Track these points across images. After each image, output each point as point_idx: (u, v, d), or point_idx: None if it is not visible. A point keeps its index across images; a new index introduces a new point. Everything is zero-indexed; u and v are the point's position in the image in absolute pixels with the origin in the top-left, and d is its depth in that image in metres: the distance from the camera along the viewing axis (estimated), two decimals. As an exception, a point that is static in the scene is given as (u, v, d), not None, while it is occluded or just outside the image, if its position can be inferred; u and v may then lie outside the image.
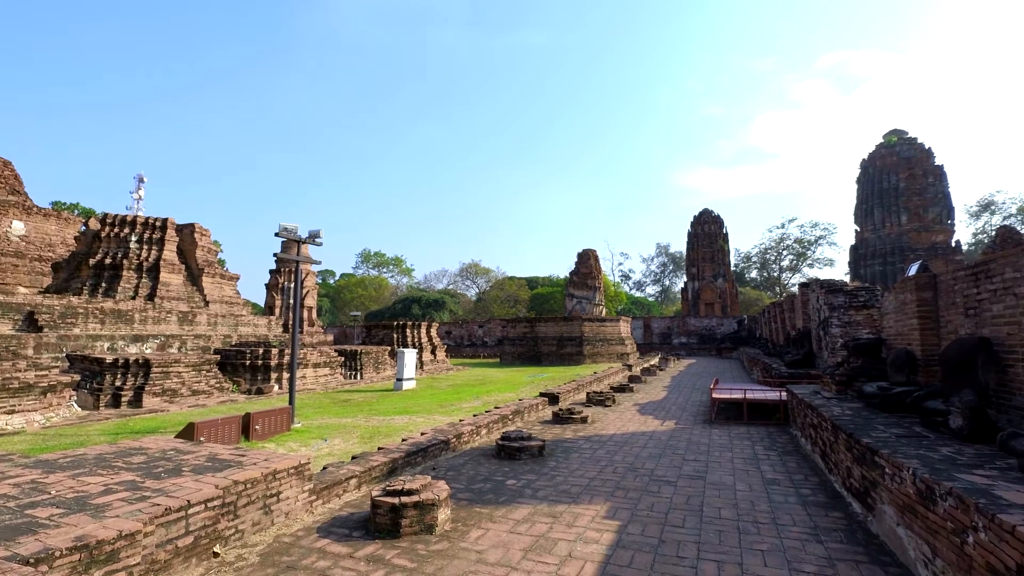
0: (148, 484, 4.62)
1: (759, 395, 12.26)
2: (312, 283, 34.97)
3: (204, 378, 17.03)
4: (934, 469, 3.94)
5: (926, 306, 7.18)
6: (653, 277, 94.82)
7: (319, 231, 12.17)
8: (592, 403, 14.03)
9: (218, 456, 5.68)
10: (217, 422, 9.03)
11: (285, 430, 10.69)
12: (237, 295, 27.78)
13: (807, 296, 19.23)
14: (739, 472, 7.28)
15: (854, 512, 5.50)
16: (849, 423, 6.15)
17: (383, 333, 30.56)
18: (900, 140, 49.15)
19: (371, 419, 12.37)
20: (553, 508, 5.74)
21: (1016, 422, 5.13)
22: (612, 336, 36.71)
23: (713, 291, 57.55)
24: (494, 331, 51.13)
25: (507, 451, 8.04)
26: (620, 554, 4.51)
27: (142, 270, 23.11)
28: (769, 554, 4.51)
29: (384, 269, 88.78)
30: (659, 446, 8.99)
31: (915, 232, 46.58)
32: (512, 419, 11.09)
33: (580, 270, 53.43)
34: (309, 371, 20.39)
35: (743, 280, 78.91)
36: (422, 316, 59.43)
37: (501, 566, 4.28)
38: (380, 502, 4.97)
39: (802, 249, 75.18)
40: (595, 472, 7.27)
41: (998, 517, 2.84)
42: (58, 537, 3.39)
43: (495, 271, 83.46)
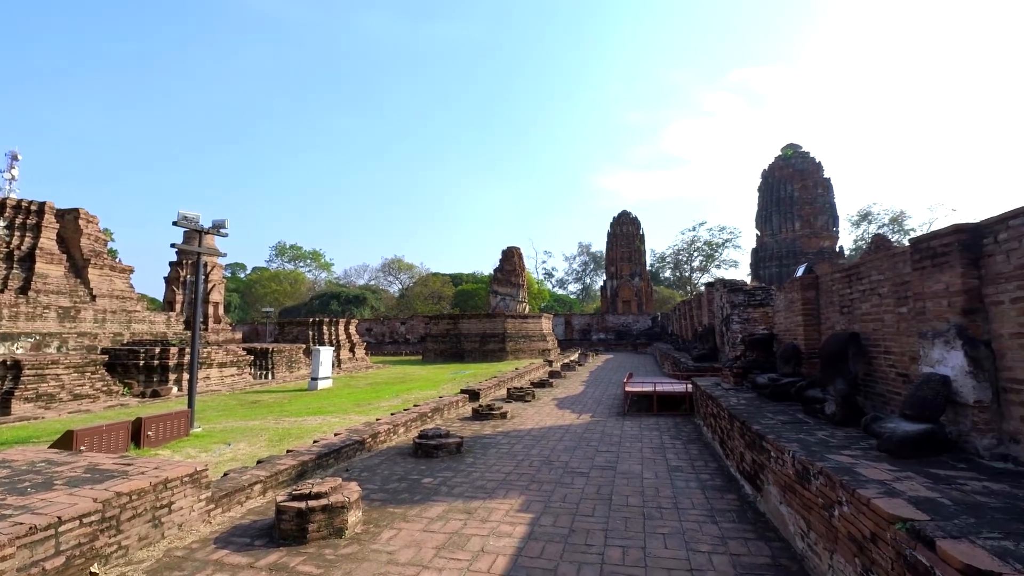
0: (10, 501, 4.10)
1: (668, 388, 12.98)
2: (218, 277, 32.62)
3: (89, 381, 15.39)
4: (810, 451, 4.36)
5: (809, 304, 7.93)
6: (575, 275, 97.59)
7: (224, 221, 11.36)
8: (512, 399, 14.21)
9: (100, 466, 5.16)
10: (101, 429, 8.19)
11: (183, 435, 9.91)
12: (130, 289, 25.35)
13: (712, 295, 20.61)
14: (647, 461, 7.67)
15: (746, 494, 5.97)
16: (743, 412, 6.66)
17: (298, 330, 29.17)
18: (795, 153, 53.92)
19: (281, 421, 11.76)
20: (468, 504, 5.75)
21: (879, 407, 5.80)
22: (534, 333, 37.37)
23: (630, 289, 60.17)
24: (417, 328, 50.36)
25: (424, 449, 7.95)
26: (531, 546, 4.61)
27: (13, 259, 20.46)
28: (669, 537, 4.79)
29: (301, 263, 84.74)
30: (574, 439, 9.27)
31: (806, 237, 51.30)
32: (431, 417, 10.98)
33: (504, 267, 53.90)
34: (214, 371, 19.04)
35: (658, 279, 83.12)
36: (341, 313, 57.37)
37: (412, 565, 4.23)
38: (285, 507, 4.74)
39: (710, 251, 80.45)
40: (512, 467, 7.37)
41: (858, 492, 3.20)
42: None
43: (419, 267, 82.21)
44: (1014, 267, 3.74)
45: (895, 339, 5.49)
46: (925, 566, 2.45)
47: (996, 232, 3.93)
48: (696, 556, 4.36)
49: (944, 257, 4.35)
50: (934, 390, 4.24)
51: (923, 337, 4.59)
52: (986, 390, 3.96)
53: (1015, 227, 3.73)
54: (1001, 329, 3.90)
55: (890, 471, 3.63)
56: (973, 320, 4.10)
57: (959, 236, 4.21)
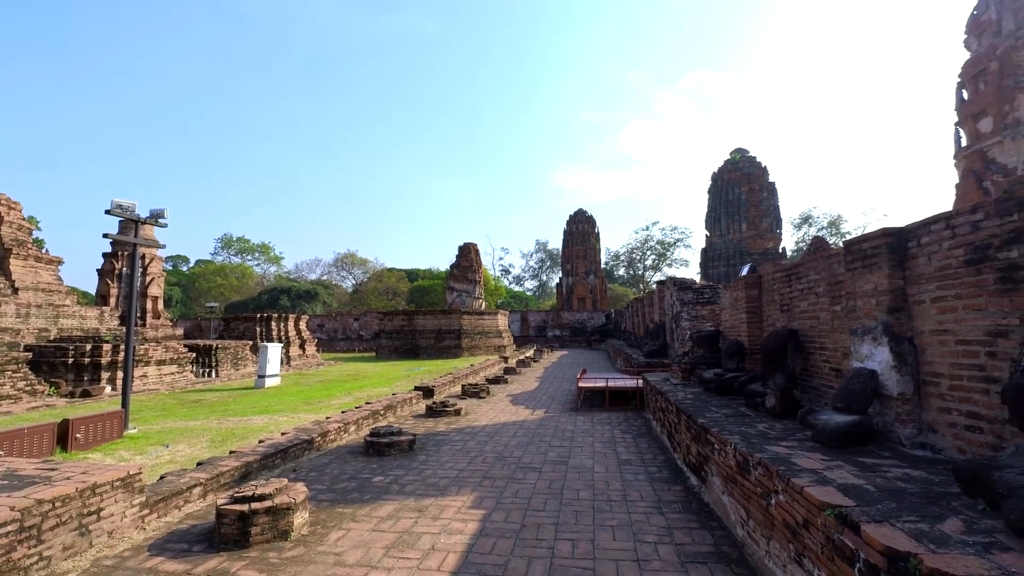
0: (-88, 512, 3.75)
1: (620, 383, 13.26)
2: (158, 270, 30.88)
3: (10, 380, 14.29)
4: (750, 443, 4.55)
5: (753, 302, 8.27)
6: (532, 272, 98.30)
7: (163, 210, 10.77)
8: (467, 395, 14.17)
9: (19, 472, 4.80)
10: (22, 432, 7.62)
11: (116, 437, 9.35)
12: (59, 282, 23.66)
13: (663, 293, 21.19)
14: (598, 455, 7.81)
15: (692, 485, 6.18)
16: (690, 406, 6.88)
17: (245, 326, 28.06)
18: (742, 157, 56.13)
19: (225, 421, 11.29)
20: (420, 502, 5.69)
21: (814, 400, 6.11)
22: (490, 329, 37.38)
23: (585, 287, 61.11)
24: (371, 324, 49.42)
25: (376, 447, 7.82)
26: (483, 542, 4.61)
27: (-79, 249, 18.73)
28: (618, 528, 4.89)
29: (249, 256, 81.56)
30: (528, 435, 9.33)
31: (752, 239, 53.53)
32: (384, 414, 10.81)
33: (461, 263, 53.56)
34: (152, 369, 18.07)
35: (612, 277, 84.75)
36: (292, 308, 55.62)
37: (360, 566, 4.15)
38: (226, 511, 4.55)
39: (663, 250, 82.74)
40: (464, 463, 7.35)
41: (792, 481, 3.36)
42: None
43: (373, 262, 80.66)
44: (935, 268, 4.01)
45: (829, 336, 5.80)
46: (851, 549, 2.60)
47: (919, 236, 4.20)
48: (643, 547, 4.48)
49: (873, 258, 4.62)
50: (863, 384, 4.51)
51: (854, 334, 4.86)
52: (908, 383, 4.24)
53: (936, 231, 4.00)
54: (923, 326, 4.18)
55: (822, 460, 3.84)
56: (898, 318, 4.38)
57: (887, 239, 4.48)
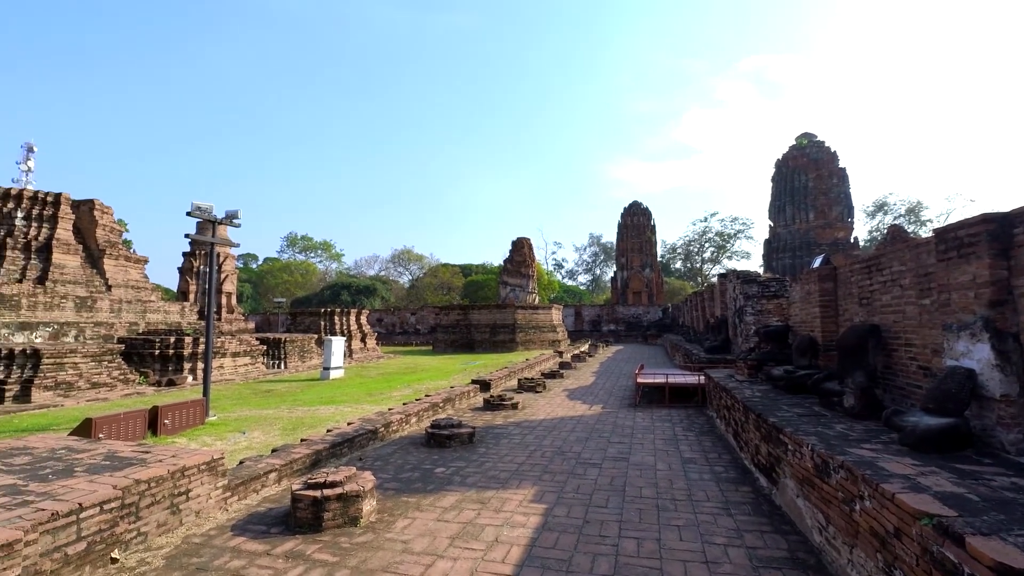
0: (32, 487, 4.16)
1: (680, 379, 12.90)
2: (231, 267, 32.89)
3: (106, 369, 15.62)
4: (829, 444, 4.30)
5: (827, 296, 7.81)
6: (585, 266, 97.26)
7: (237, 211, 11.41)
8: (523, 389, 14.22)
9: (118, 454, 5.23)
10: (119, 417, 8.31)
11: (199, 424, 10.03)
12: (145, 279, 25.63)
13: (725, 286, 20.42)
14: (660, 453, 7.64)
15: (761, 486, 5.92)
16: (758, 404, 6.59)
17: (310, 320, 29.38)
18: (810, 143, 53.09)
19: (295, 410, 11.87)
20: (481, 494, 5.76)
21: (899, 400, 5.70)
22: (544, 323, 37.34)
23: (641, 281, 59.85)
24: (427, 318, 50.52)
25: (437, 439, 7.98)
26: (546, 536, 4.60)
27: (30, 250, 20.75)
28: (684, 529, 4.76)
29: (312, 254, 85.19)
30: (586, 430, 9.25)
31: (820, 228, 50.63)
32: (443, 406, 11.02)
33: (514, 258, 53.77)
34: (228, 360, 19.24)
35: (668, 270, 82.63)
36: (352, 303, 57.67)
37: (427, 555, 4.24)
38: (301, 496, 4.77)
39: (722, 242, 79.78)
40: (524, 457, 7.37)
41: (881, 486, 3.14)
42: (-85, 551, 2.98)
43: (428, 258, 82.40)
44: (1046, 258, 3.63)
45: (917, 331, 5.38)
46: (953, 563, 2.40)
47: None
48: (712, 548, 4.33)
49: (971, 247, 4.23)
50: (958, 384, 4.15)
51: (947, 329, 4.49)
52: (1013, 384, 3.86)
53: (1047, 216, 3.61)
54: (1030, 321, 3.79)
55: (914, 465, 3.56)
56: (1001, 312, 4.00)
57: (987, 226, 4.10)
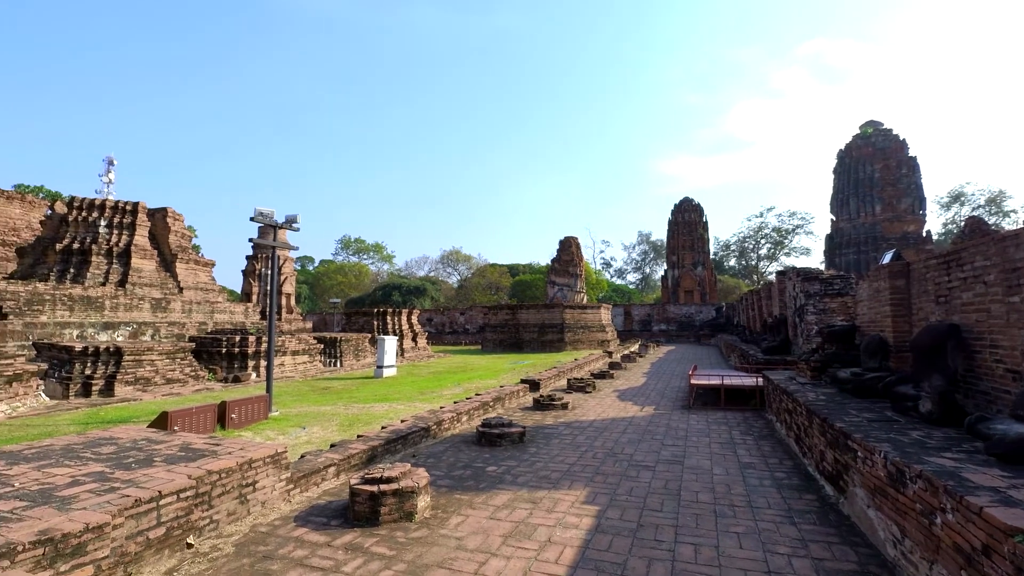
0: (118, 475, 4.49)
1: (736, 381, 12.46)
2: (290, 269, 34.40)
3: (179, 366, 16.67)
4: (904, 452, 4.03)
5: (899, 294, 7.33)
6: (634, 265, 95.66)
7: (296, 216, 11.91)
8: (573, 389, 14.13)
9: (192, 446, 5.56)
10: (191, 411, 8.84)
11: (263, 418, 10.54)
12: (212, 281, 27.20)
13: (784, 284, 19.56)
14: (716, 456, 7.40)
15: (827, 494, 5.63)
16: (823, 408, 6.27)
17: (363, 320, 30.29)
18: (876, 131, 50.01)
19: (350, 407, 12.27)
20: (533, 494, 5.76)
21: (983, 406, 5.28)
22: (593, 323, 36.96)
23: (693, 279, 58.21)
24: (475, 318, 51.07)
25: (488, 438, 8.04)
26: (599, 539, 4.55)
27: (112, 255, 22.43)
28: (744, 536, 4.59)
29: (364, 256, 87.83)
30: (638, 432, 9.09)
31: (888, 222, 47.63)
32: (493, 406, 11.10)
33: (562, 257, 53.52)
34: (287, 359, 20.12)
35: (722, 268, 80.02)
36: (403, 303, 59.07)
37: (481, 552, 4.28)
38: (359, 490, 4.92)
39: (780, 238, 76.51)
40: (575, 458, 7.32)
41: (966, 499, 2.91)
42: (21, 531, 3.27)
43: (476, 258, 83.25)
44: None
45: (1004, 331, 4.96)
46: (1054, 585, 2.19)
47: None
48: (774, 558, 4.15)
49: (1069, 240, 3.86)
50: (1055, 389, 3.80)
51: (1040, 329, 4.11)
52: (1121, 390, 3.49)
53: None
54: None
55: (1003, 477, 3.29)
56: (1105, 311, 3.63)
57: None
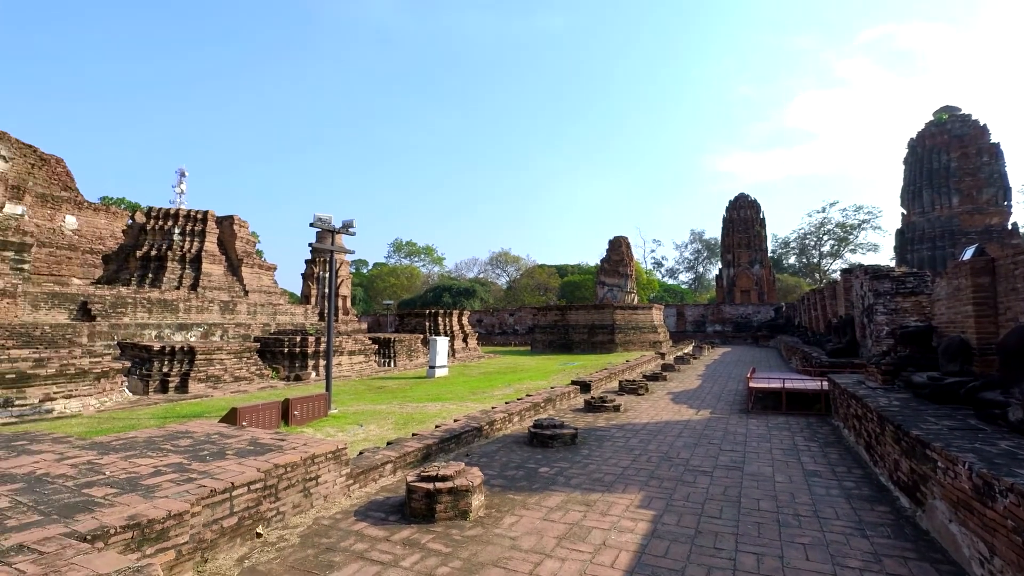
0: (194, 466, 4.79)
1: (798, 384, 11.91)
2: (346, 272, 35.65)
3: (245, 365, 17.61)
4: (992, 464, 3.73)
5: (983, 292, 6.79)
6: (687, 264, 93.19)
7: (352, 221, 12.33)
8: (624, 391, 13.91)
9: (259, 440, 5.86)
10: (258, 407, 9.32)
11: (323, 416, 10.97)
12: (275, 284, 28.56)
13: (850, 282, 18.53)
14: (778, 463, 7.09)
15: (902, 507, 5.29)
16: (897, 414, 5.89)
17: (415, 321, 30.96)
18: (952, 117, 46.46)
19: (405, 406, 12.57)
20: (587, 496, 5.71)
21: (1083, 415, 4.81)
22: (644, 324, 36.26)
23: (749, 278, 56.08)
24: (525, 319, 51.18)
25: (539, 439, 8.04)
26: (656, 544, 4.46)
27: (185, 261, 23.97)
28: (811, 548, 4.38)
29: (415, 258, 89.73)
30: (694, 435, 8.84)
31: (967, 214, 44.14)
32: (544, 407, 11.09)
33: (611, 257, 52.85)
34: (344, 358, 20.85)
35: (780, 266, 76.69)
36: (453, 304, 59.98)
37: (535, 553, 4.29)
38: (415, 487, 5.04)
39: (844, 234, 72.48)
40: (628, 461, 7.20)
41: (1066, 516, 2.67)
42: (112, 515, 3.55)
43: (525, 259, 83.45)
44: None
45: (1109, 333, 4.50)
46: None
47: None
48: (845, 572, 3.94)
49: None
50: None
51: None
52: None
53: None
54: None
55: (1110, 493, 2.99)
56: None
57: None
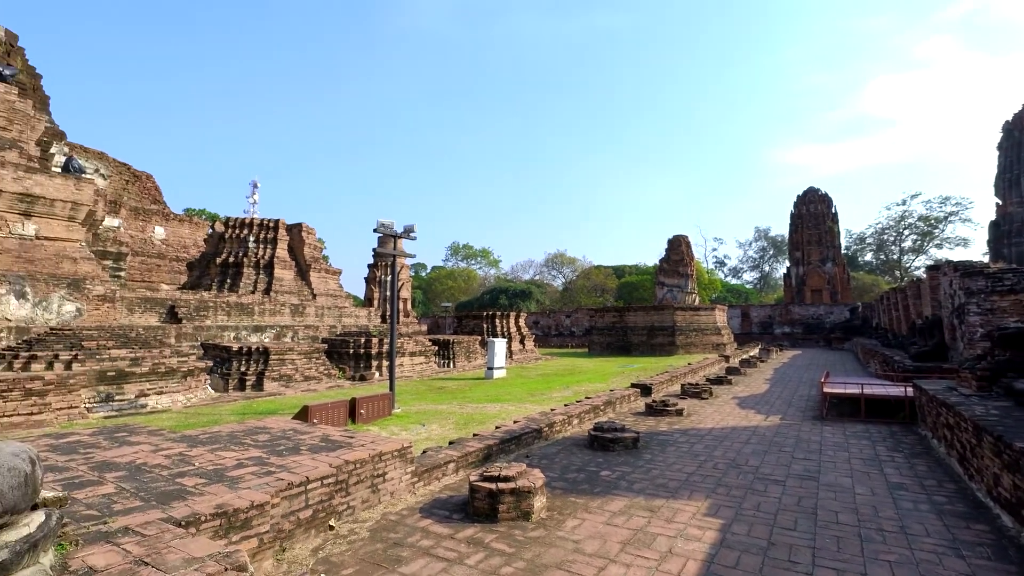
0: (272, 460, 5.09)
1: (879, 390, 11.13)
2: (406, 276, 36.71)
3: (314, 365, 18.49)
4: (1115, 481, 3.34)
5: (1098, 290, 6.10)
6: (751, 263, 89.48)
7: (413, 226, 12.68)
8: (687, 395, 13.50)
9: (330, 437, 6.14)
10: (327, 406, 9.76)
11: (387, 415, 11.34)
12: (340, 288, 29.81)
13: (937, 280, 17.15)
14: (858, 474, 6.66)
15: (1003, 525, 4.83)
16: (997, 424, 5.40)
17: (473, 323, 31.41)
18: (1056, 96, 41.96)
19: (465, 406, 12.78)
20: (650, 502, 5.59)
21: None
22: (707, 325, 35.05)
23: (821, 276, 53.04)
24: (582, 321, 50.75)
25: (600, 442, 7.95)
26: (725, 554, 4.30)
27: (259, 267, 25.48)
28: (898, 566, 4.08)
29: (472, 261, 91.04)
30: (763, 442, 8.46)
31: (1076, 203, 39.71)
32: (604, 409, 10.95)
33: (671, 257, 51.45)
34: (406, 359, 21.45)
35: (855, 264, 72.05)
36: (509, 306, 60.39)
37: (599, 557, 4.24)
38: (478, 487, 5.11)
39: (928, 227, 67.21)
40: (693, 467, 6.99)
41: None
42: (202, 504, 3.83)
43: (581, 260, 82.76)
44: None
45: None
46: None
47: None
48: (938, 593, 3.65)
49: None
50: None
51: None
52: None
53: None
54: None
55: None
56: None
57: None
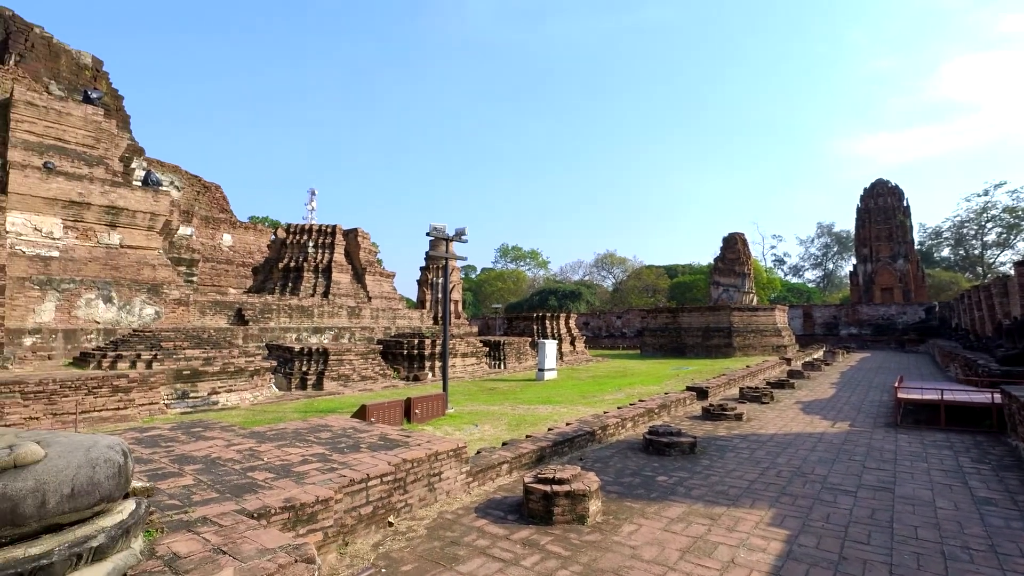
0: (335, 457, 5.28)
1: (961, 396, 10.34)
2: (457, 278, 37.26)
3: (370, 365, 19.07)
4: None
5: None
6: (813, 260, 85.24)
7: (464, 229, 12.87)
8: (746, 399, 13.00)
9: (388, 436, 6.31)
10: (384, 405, 10.04)
11: (440, 415, 11.54)
12: (394, 291, 30.63)
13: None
14: (939, 487, 6.21)
15: (1113, 548, 4.38)
16: (1103, 436, 4.89)
17: (523, 324, 31.49)
18: None
19: (516, 407, 12.83)
20: (710, 509, 5.42)
21: None
22: (766, 326, 33.66)
23: (891, 274, 49.84)
24: (633, 322, 49.88)
25: (655, 446, 7.78)
26: (792, 566, 4.11)
27: (318, 271, 26.55)
28: (989, 587, 3.78)
29: (521, 262, 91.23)
30: (831, 450, 8.03)
31: None
32: (658, 413, 10.72)
33: (726, 256, 49.77)
34: (458, 360, 21.76)
35: (930, 260, 67.27)
36: (559, 307, 60.12)
37: (657, 564, 4.15)
38: (533, 488, 5.12)
39: (1015, 220, 61.81)
40: (755, 474, 6.72)
41: None
42: (272, 497, 4.03)
43: (631, 260, 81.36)
44: None
45: None
46: None
47: None
48: (1037, 619, 3.35)
49: None
50: None
51: None
52: None
53: None
54: None
55: None
56: None
57: None
